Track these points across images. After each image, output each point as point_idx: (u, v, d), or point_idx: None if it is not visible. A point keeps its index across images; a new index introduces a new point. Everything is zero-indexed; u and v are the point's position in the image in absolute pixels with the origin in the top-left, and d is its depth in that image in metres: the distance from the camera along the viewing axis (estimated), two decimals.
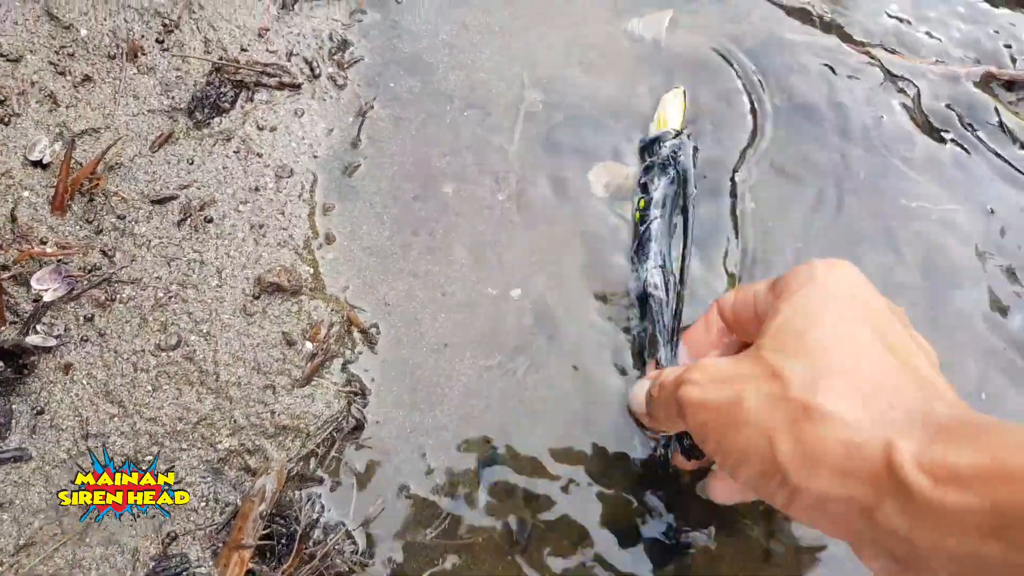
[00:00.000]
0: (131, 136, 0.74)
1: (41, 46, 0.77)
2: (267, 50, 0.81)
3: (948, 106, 0.86)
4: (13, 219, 0.68)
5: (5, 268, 0.66)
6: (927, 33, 0.90)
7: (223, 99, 0.77)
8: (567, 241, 0.77)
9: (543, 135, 0.83)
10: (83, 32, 0.78)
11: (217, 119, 0.77)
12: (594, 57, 0.87)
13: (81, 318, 0.66)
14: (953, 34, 0.90)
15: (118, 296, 0.67)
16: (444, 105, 0.83)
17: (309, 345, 0.68)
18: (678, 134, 0.76)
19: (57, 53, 0.77)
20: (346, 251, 0.75)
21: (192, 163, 0.75)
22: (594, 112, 0.84)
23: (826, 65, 0.87)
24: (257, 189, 0.75)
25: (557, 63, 0.87)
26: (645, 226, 0.71)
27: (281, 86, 0.80)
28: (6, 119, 0.72)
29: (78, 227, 0.69)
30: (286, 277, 0.70)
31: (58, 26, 0.78)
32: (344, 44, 0.83)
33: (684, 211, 0.73)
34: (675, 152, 0.73)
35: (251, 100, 0.79)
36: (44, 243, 0.67)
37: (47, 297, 0.65)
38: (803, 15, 0.90)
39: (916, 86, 0.86)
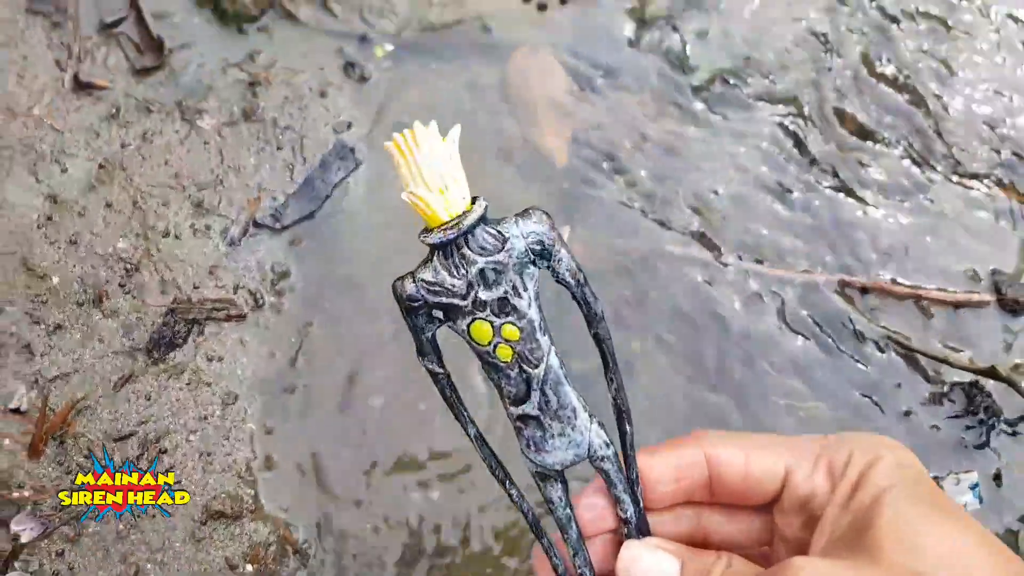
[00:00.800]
0: (97, 379, 0.87)
1: (19, 296, 0.89)
2: (216, 285, 0.94)
3: (810, 312, 0.99)
4: None
5: None
6: (793, 243, 1.04)
7: (177, 336, 0.90)
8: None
9: (463, 344, 0.96)
10: (55, 280, 0.91)
11: (172, 354, 0.90)
12: None
13: (53, 553, 0.78)
14: (816, 244, 1.04)
15: (84, 531, 0.79)
16: (373, 322, 0.96)
17: (250, 568, 0.80)
18: (484, 220, 0.45)
19: (32, 302, 0.89)
20: (283, 471, 0.87)
21: (149, 399, 0.87)
22: None
23: (705, 279, 1.00)
24: (205, 418, 0.88)
25: None
26: (542, 366, 0.46)
27: (228, 318, 0.92)
28: None
29: (51, 468, 0.82)
30: (229, 504, 0.82)
31: (33, 276, 0.91)
32: (284, 274, 0.96)
33: (598, 339, 0.48)
34: (544, 244, 0.45)
35: (202, 334, 0.91)
36: (21, 487, 0.79)
37: (24, 538, 0.77)
38: (683, 231, 1.04)
39: (781, 296, 1.00)
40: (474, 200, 0.45)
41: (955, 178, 1.10)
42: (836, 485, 0.43)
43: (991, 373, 0.93)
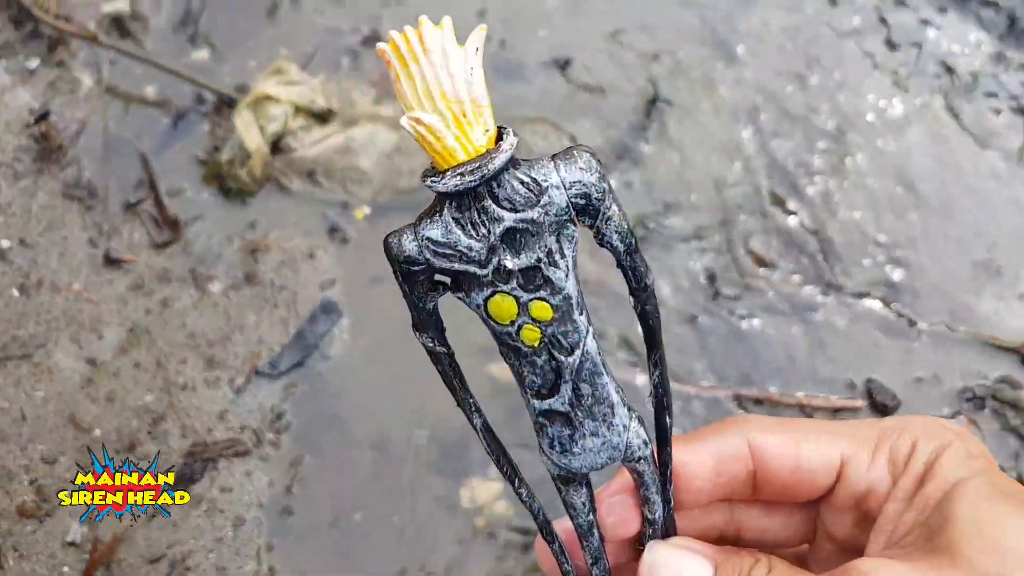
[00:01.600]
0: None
1: (68, 448, 1.12)
2: (226, 427, 1.16)
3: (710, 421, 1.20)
4: None
5: None
6: (700, 363, 1.25)
7: (196, 473, 1.12)
8: (446, 546, 1.11)
9: (427, 465, 1.17)
10: (97, 432, 1.13)
11: (192, 487, 1.11)
12: None
13: None
14: (720, 362, 1.25)
15: None
16: (354, 450, 1.18)
17: None
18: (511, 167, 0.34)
19: (79, 452, 1.11)
20: None
21: (175, 526, 1.09)
22: (463, 440, 1.18)
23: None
24: (221, 539, 1.09)
25: (438, 403, 1.21)
26: (577, 352, 0.37)
27: (237, 454, 1.14)
28: (50, 512, 1.06)
29: None
30: None
31: (80, 430, 1.13)
32: (280, 414, 1.18)
33: (644, 317, 0.39)
34: (591, 198, 0.34)
35: (216, 468, 1.13)
36: None
37: None
38: (610, 356, 1.25)
39: (689, 409, 1.21)
40: (500, 133, 0.34)
41: (842, 297, 1.32)
42: (898, 478, 0.38)
43: None
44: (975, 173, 1.44)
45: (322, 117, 1.42)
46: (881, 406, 1.21)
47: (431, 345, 0.39)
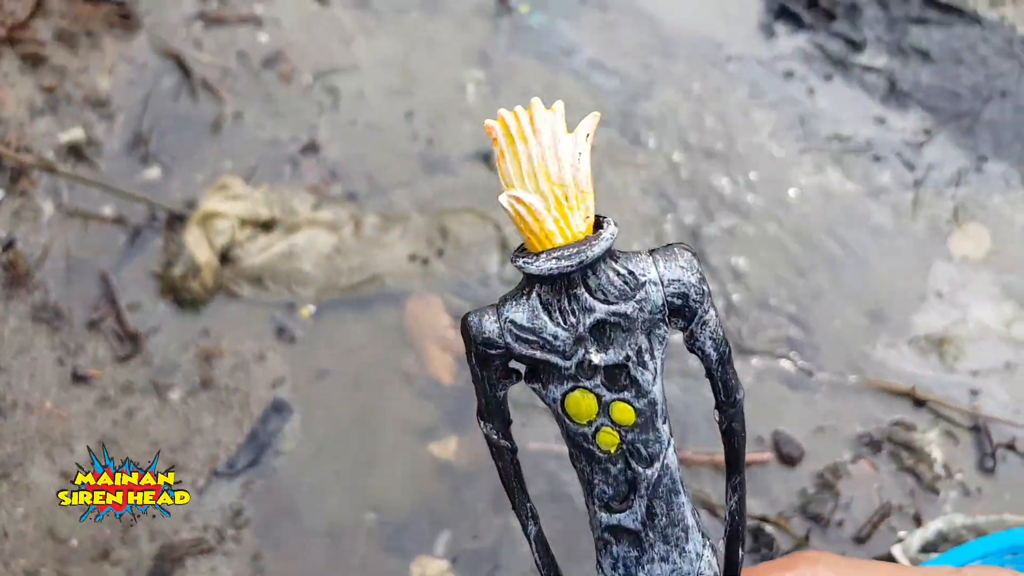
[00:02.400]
0: None
1: (48, 559, 1.23)
2: (191, 527, 1.27)
3: None
4: None
5: None
6: None
7: (166, 573, 1.23)
8: None
9: (378, 545, 1.29)
10: (74, 543, 1.24)
11: None
12: (407, 478, 1.34)
13: None
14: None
15: None
16: (310, 538, 1.29)
17: None
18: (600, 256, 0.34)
19: (59, 562, 1.23)
20: None
21: None
22: (411, 520, 1.30)
23: (558, 469, 1.34)
24: None
25: (385, 486, 1.33)
26: (656, 465, 0.35)
27: (202, 552, 1.26)
28: None
29: None
30: None
31: (57, 541, 1.24)
32: (239, 511, 1.30)
33: (729, 435, 0.37)
34: (688, 299, 0.33)
35: (183, 566, 1.24)
36: None
37: None
38: (541, 431, 1.37)
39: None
40: (599, 222, 0.33)
41: (748, 356, 1.45)
42: None
43: (764, 519, 1.25)
44: (865, 229, 1.58)
45: (266, 226, 1.55)
46: (787, 457, 1.33)
47: (495, 437, 0.37)
